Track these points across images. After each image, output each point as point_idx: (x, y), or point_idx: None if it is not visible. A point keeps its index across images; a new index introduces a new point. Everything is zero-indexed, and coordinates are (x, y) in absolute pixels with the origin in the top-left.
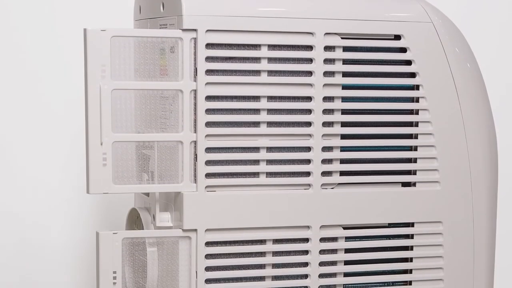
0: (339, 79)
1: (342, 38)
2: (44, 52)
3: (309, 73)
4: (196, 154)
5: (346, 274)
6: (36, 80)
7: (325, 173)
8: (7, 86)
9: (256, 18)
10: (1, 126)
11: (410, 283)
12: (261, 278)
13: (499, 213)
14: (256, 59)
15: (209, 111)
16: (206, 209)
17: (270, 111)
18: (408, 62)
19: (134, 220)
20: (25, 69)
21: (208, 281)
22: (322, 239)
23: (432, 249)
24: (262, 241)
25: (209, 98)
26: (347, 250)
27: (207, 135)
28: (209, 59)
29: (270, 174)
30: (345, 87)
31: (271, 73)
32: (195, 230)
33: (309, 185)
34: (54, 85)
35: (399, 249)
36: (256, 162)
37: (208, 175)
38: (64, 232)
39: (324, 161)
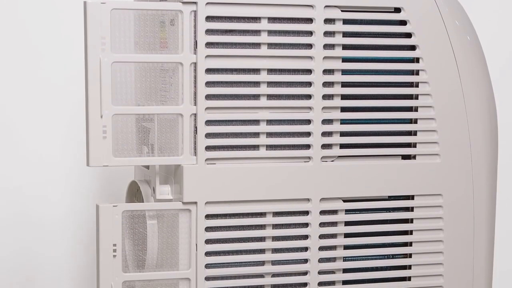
0: (339, 52)
1: (342, 11)
2: (45, 25)
3: (309, 46)
4: (196, 127)
5: (346, 247)
6: (37, 54)
7: (325, 146)
8: (7, 60)
9: None
10: (1, 99)
11: (410, 255)
12: (261, 251)
13: (499, 186)
14: (256, 32)
15: (209, 83)
16: (206, 182)
17: (270, 84)
18: (408, 35)
19: (134, 193)
20: (25, 43)
21: (208, 253)
22: (322, 212)
23: (432, 221)
24: (262, 214)
25: (209, 71)
26: (347, 223)
27: (207, 108)
28: (209, 32)
29: (270, 147)
30: (345, 59)
31: (271, 46)
32: (195, 203)
33: (309, 157)
34: (54, 58)
35: (399, 221)
36: (256, 135)
37: (208, 148)
38: (64, 204)
39: (324, 134)
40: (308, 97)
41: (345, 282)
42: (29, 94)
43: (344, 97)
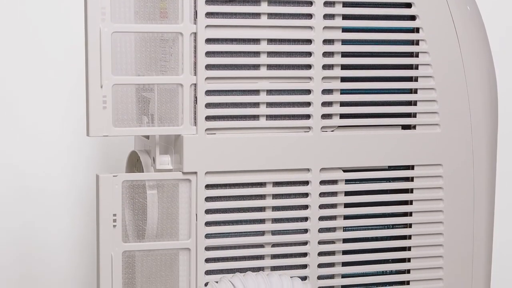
0: (339, 22)
1: None
2: None
3: (309, 16)
4: (196, 97)
5: (346, 217)
6: (36, 24)
7: (325, 116)
8: (6, 32)
9: None
10: (1, 72)
11: (410, 225)
12: (261, 221)
13: (499, 156)
14: (256, 2)
15: (209, 53)
16: (206, 152)
17: (270, 53)
18: (408, 5)
19: (134, 163)
20: (24, 15)
21: (208, 223)
22: (322, 182)
23: (432, 191)
24: (262, 184)
25: (209, 41)
26: (347, 193)
27: (207, 78)
28: (209, 1)
29: (270, 117)
30: (345, 30)
31: (271, 15)
32: (195, 172)
33: (309, 127)
34: (54, 29)
35: (399, 191)
36: (256, 105)
37: (208, 118)
38: (64, 175)
39: (324, 104)
40: (308, 67)
41: (345, 252)
42: (28, 66)
43: (344, 67)
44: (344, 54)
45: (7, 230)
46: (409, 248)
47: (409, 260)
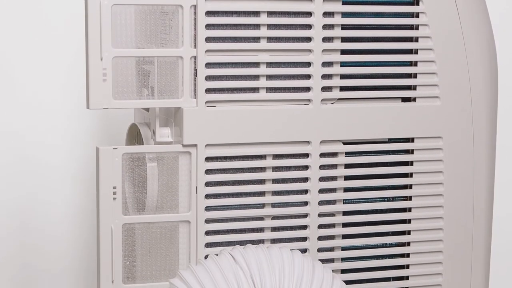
0: None
1: None
2: None
3: None
4: (196, 70)
5: (346, 190)
6: None
7: (325, 89)
8: (6, 4)
9: None
10: (1, 43)
11: (410, 198)
12: (261, 194)
13: (499, 127)
14: None
15: (209, 26)
16: (206, 124)
17: (270, 26)
18: None
19: (134, 136)
20: None
21: (208, 196)
22: (322, 154)
23: (432, 164)
24: (262, 157)
25: (209, 13)
26: (347, 165)
27: (207, 51)
28: None
29: (270, 90)
30: (344, 2)
31: None
32: (195, 145)
33: (309, 100)
34: (54, 1)
35: (399, 164)
36: (256, 77)
37: (208, 91)
38: (64, 148)
39: (324, 76)
40: (308, 39)
41: (345, 225)
42: (29, 38)
43: (344, 39)
44: (344, 27)
45: (8, 201)
46: (409, 221)
47: (409, 232)
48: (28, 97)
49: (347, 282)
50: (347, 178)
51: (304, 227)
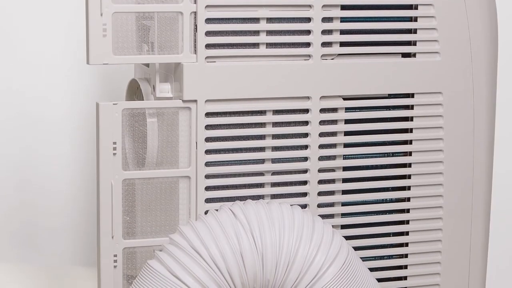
0: None
1: None
2: None
3: None
4: (196, 25)
5: (346, 145)
6: None
7: (325, 44)
8: None
9: None
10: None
11: (410, 153)
12: (261, 149)
13: (499, 84)
14: None
15: None
16: (206, 80)
17: None
18: None
19: (134, 91)
20: None
21: (208, 151)
22: (322, 110)
23: (432, 119)
24: (262, 112)
25: None
26: (347, 121)
27: (207, 6)
28: None
29: (270, 45)
30: None
31: None
32: (195, 101)
33: (309, 56)
34: None
35: (399, 120)
36: (256, 33)
37: (208, 46)
38: (64, 103)
39: (324, 32)
40: None
41: (345, 180)
42: None
43: None
44: None
45: (7, 156)
46: (409, 176)
47: (409, 188)
48: (28, 53)
49: (347, 238)
50: (347, 133)
51: (304, 182)
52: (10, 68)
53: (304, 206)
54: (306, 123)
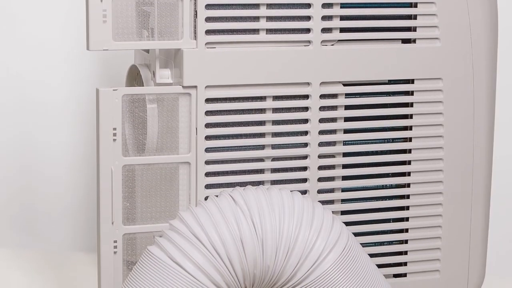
0: None
1: None
2: None
3: None
4: (196, 11)
5: (346, 131)
6: None
7: (325, 30)
8: None
9: None
10: None
11: (410, 139)
12: (261, 135)
13: (499, 69)
14: None
15: None
16: (206, 65)
17: None
18: None
19: (134, 77)
20: None
21: (208, 137)
22: (322, 96)
23: (432, 105)
24: (262, 98)
25: None
26: (347, 107)
27: None
28: None
29: (270, 31)
30: None
31: None
32: (195, 86)
33: (309, 41)
34: None
35: (399, 105)
36: (256, 18)
37: (208, 32)
38: (64, 89)
39: (324, 18)
40: None
41: (345, 166)
42: None
43: None
44: None
45: (7, 141)
46: (409, 162)
47: (409, 174)
48: (28, 38)
49: (347, 224)
50: (347, 119)
51: (304, 168)
52: (10, 51)
53: (304, 192)
54: (306, 109)
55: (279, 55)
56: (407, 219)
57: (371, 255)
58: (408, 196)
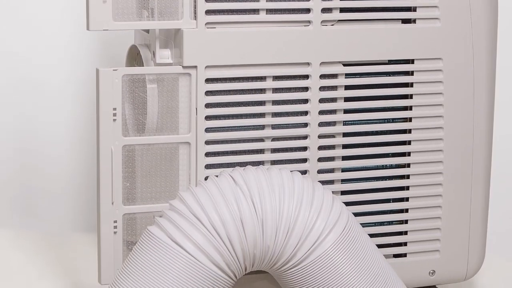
0: None
1: None
2: None
3: None
4: None
5: (346, 111)
6: None
7: (325, 10)
8: None
9: None
10: None
11: (410, 119)
12: (261, 115)
13: (499, 50)
14: None
15: None
16: (206, 46)
17: None
18: None
19: (134, 57)
20: None
21: (208, 117)
22: (322, 76)
23: (432, 85)
24: (262, 78)
25: None
26: (347, 87)
27: None
28: None
29: (270, 11)
30: None
31: None
32: (195, 67)
33: (309, 21)
34: None
35: (399, 86)
36: None
37: (208, 12)
38: (64, 69)
39: None
40: None
41: (345, 146)
42: None
43: None
44: None
45: (7, 122)
46: (409, 142)
47: (409, 154)
48: (27, 19)
49: (347, 204)
50: (347, 99)
51: (304, 148)
52: (9, 32)
53: (304, 172)
54: (306, 89)
55: (279, 35)
56: (407, 199)
57: (371, 235)
58: (408, 176)
